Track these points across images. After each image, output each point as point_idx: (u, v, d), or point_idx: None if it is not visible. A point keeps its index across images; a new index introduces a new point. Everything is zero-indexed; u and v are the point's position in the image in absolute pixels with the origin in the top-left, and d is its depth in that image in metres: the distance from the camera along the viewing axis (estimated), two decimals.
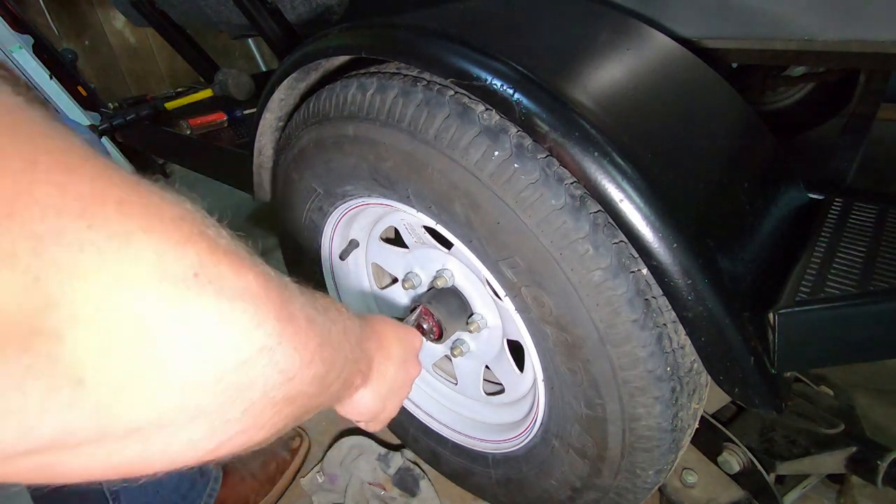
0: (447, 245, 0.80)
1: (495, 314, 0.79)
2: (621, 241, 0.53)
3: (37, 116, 0.19)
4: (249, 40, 3.22)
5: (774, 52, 0.68)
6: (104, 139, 2.44)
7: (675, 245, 0.49)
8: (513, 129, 0.56)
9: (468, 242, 0.64)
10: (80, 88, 2.39)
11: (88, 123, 2.00)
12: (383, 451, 1.08)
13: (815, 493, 0.93)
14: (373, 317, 0.49)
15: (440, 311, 0.78)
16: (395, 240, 0.93)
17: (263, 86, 0.88)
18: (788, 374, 0.95)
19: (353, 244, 0.93)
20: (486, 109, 0.57)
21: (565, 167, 0.53)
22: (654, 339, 0.54)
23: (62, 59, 2.36)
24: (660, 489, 0.90)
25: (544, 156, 0.54)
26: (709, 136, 0.62)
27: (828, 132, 1.44)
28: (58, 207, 0.18)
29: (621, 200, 0.50)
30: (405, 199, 0.69)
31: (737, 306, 0.51)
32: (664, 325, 0.55)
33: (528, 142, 0.55)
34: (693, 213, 0.53)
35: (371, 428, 0.52)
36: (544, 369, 0.67)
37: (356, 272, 1.00)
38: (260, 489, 1.01)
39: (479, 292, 0.79)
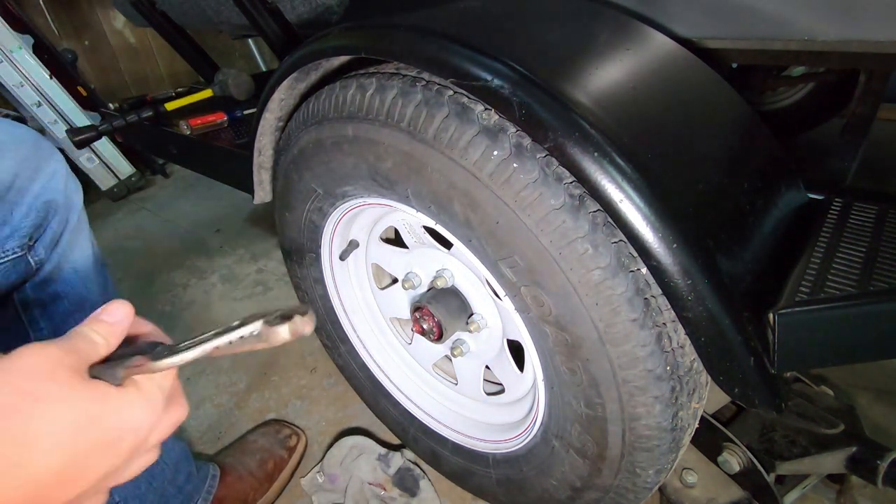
0: (447, 245, 0.80)
1: (495, 314, 0.79)
2: (620, 240, 0.53)
3: None
4: (249, 40, 3.22)
5: (774, 52, 0.68)
6: (104, 139, 2.44)
7: (674, 245, 0.49)
8: (512, 129, 0.56)
9: (468, 242, 0.64)
10: (80, 88, 2.40)
11: (88, 123, 2.00)
12: (383, 451, 1.08)
13: (815, 493, 0.93)
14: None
15: (440, 311, 0.78)
16: (395, 240, 0.93)
17: (263, 86, 0.87)
18: (788, 374, 0.96)
19: (353, 244, 0.93)
20: (486, 109, 0.57)
21: (565, 167, 0.53)
22: (653, 339, 0.54)
23: (62, 59, 2.36)
24: (660, 489, 0.90)
25: (543, 155, 0.54)
26: (709, 136, 0.62)
27: (828, 132, 1.44)
28: None
29: (621, 200, 0.50)
30: (405, 200, 0.69)
31: (737, 306, 0.51)
32: (663, 324, 0.55)
33: (527, 141, 0.55)
34: (693, 212, 0.53)
35: None
36: (544, 369, 0.67)
37: (356, 272, 1.00)
38: (258, 487, 1.02)
39: (479, 292, 0.79)
